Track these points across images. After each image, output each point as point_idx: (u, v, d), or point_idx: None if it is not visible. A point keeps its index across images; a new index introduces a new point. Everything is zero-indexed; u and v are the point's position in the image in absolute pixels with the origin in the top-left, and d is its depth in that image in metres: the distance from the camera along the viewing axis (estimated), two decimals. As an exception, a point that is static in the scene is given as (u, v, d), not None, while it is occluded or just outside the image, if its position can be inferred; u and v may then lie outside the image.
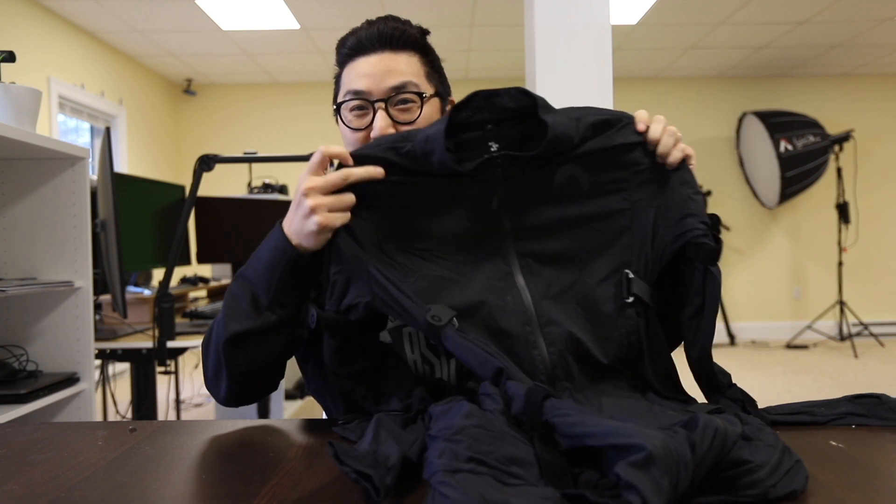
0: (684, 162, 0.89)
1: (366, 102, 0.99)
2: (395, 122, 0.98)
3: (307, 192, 0.81)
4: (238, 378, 0.88)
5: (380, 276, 0.80)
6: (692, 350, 0.87)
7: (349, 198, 0.82)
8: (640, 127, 0.88)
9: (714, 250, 0.85)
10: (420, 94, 0.99)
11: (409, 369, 0.93)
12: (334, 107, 1.05)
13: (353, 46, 1.00)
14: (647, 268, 0.88)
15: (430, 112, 1.01)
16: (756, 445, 0.64)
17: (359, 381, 0.86)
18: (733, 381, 0.87)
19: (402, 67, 0.99)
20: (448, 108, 1.08)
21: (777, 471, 0.61)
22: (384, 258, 0.84)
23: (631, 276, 0.87)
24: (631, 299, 0.87)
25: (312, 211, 0.80)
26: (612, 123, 0.89)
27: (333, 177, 0.82)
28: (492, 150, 0.88)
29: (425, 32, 1.04)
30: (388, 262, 0.84)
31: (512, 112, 0.89)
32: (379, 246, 0.84)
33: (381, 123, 0.97)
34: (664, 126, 0.89)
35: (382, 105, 0.98)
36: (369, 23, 1.01)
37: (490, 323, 0.83)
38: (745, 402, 0.83)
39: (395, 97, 0.98)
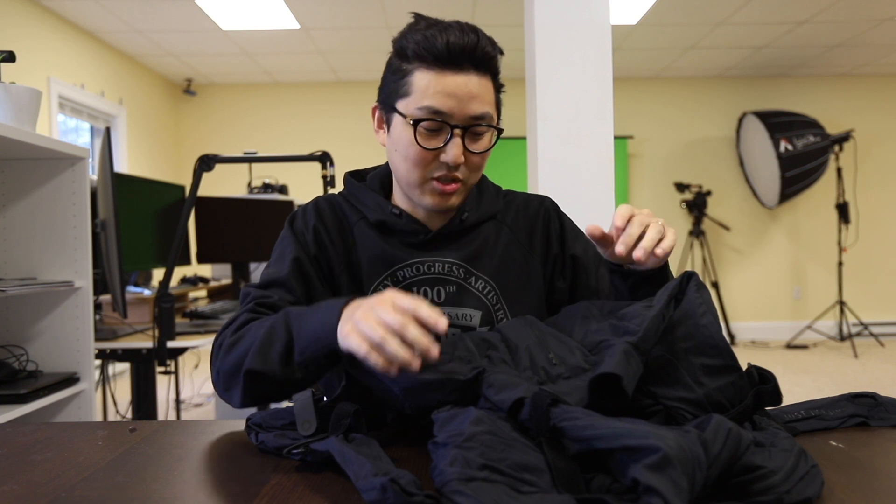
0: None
1: (444, 125, 0.96)
2: (466, 150, 0.98)
3: (402, 307, 0.73)
4: (251, 396, 0.89)
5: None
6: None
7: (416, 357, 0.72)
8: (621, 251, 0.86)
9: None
10: (497, 130, 1.00)
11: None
12: (392, 104, 0.99)
13: (441, 56, 0.94)
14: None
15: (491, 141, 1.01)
16: (770, 451, 0.63)
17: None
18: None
19: (483, 94, 0.97)
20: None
21: (791, 476, 0.60)
22: None
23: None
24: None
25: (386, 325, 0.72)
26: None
27: (426, 314, 0.72)
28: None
29: (502, 53, 1.02)
30: None
31: None
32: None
33: (456, 151, 0.96)
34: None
35: (460, 132, 0.97)
36: (460, 29, 0.96)
37: None
38: (759, 376, 0.79)
39: (472, 127, 0.98)
